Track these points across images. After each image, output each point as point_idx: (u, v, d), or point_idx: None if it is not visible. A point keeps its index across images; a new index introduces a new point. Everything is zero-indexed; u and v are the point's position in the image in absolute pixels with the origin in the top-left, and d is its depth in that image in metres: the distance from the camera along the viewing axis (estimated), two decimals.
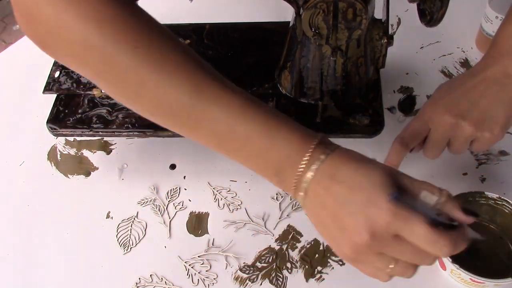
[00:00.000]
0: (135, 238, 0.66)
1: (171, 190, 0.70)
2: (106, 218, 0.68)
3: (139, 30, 0.44)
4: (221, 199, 0.68)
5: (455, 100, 0.56)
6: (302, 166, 0.43)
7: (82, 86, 0.71)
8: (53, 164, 0.74)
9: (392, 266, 0.42)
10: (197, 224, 0.66)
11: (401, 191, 0.41)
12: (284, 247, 0.63)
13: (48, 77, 0.71)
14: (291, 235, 0.64)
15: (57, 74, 0.72)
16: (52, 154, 0.75)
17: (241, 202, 0.68)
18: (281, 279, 0.61)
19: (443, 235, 0.39)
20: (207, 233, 0.65)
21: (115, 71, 0.44)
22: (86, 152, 0.75)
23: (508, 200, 0.57)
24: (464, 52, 0.81)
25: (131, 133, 0.67)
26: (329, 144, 0.44)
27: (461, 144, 0.57)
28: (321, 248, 0.63)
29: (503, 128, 0.55)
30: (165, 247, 0.65)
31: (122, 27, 0.43)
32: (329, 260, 0.62)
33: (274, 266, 0.62)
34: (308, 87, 0.66)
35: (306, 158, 0.43)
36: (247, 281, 0.61)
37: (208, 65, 0.48)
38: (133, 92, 0.45)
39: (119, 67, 0.44)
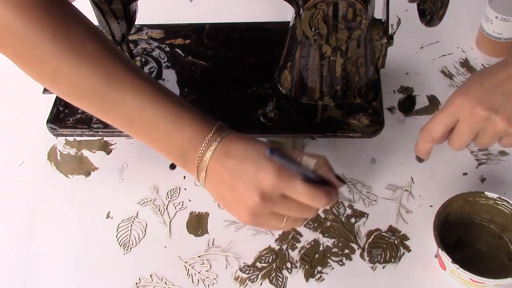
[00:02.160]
0: (135, 238, 0.66)
1: (171, 190, 0.70)
2: (106, 218, 0.68)
3: (59, 18, 0.47)
4: None
5: (487, 92, 0.52)
6: (202, 148, 0.49)
7: None
8: (53, 164, 0.74)
9: (285, 221, 0.50)
10: (197, 224, 0.66)
11: (282, 154, 0.47)
12: (284, 247, 0.63)
13: None
14: (291, 235, 0.64)
15: None
16: (52, 154, 0.75)
17: None
18: (281, 279, 0.61)
19: (319, 190, 0.47)
20: (207, 233, 0.65)
21: (35, 55, 0.47)
22: (86, 152, 0.75)
23: (508, 200, 0.57)
24: (464, 52, 0.81)
25: None
26: (225, 129, 0.51)
27: (490, 139, 0.53)
28: (321, 248, 0.63)
29: None
30: (165, 247, 0.65)
31: (42, 14, 0.46)
32: (329, 260, 0.62)
33: (274, 266, 0.62)
34: (308, 87, 0.66)
35: (206, 141, 0.49)
36: (247, 281, 0.61)
37: (124, 56, 0.52)
38: (51, 77, 0.49)
39: (39, 53, 0.47)
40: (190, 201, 0.69)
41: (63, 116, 0.69)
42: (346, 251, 0.62)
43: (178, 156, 0.51)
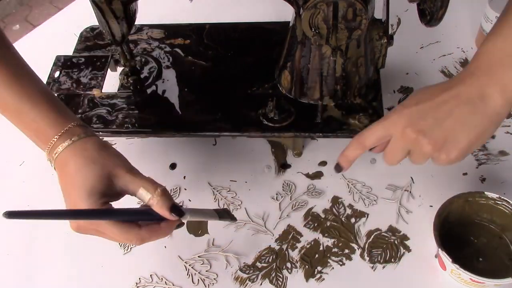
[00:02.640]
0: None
1: (171, 190, 0.70)
2: None
3: None
4: (221, 199, 0.68)
5: (421, 113, 0.52)
6: (49, 146, 0.53)
7: (82, 86, 0.71)
8: (53, 164, 0.74)
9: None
10: (197, 224, 0.66)
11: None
12: (284, 247, 0.63)
13: (48, 77, 0.72)
14: (291, 235, 0.64)
15: (57, 74, 0.72)
16: None
17: (241, 202, 0.68)
18: (281, 279, 0.61)
19: (129, 232, 0.51)
20: (207, 233, 0.65)
21: None
22: None
23: (508, 200, 0.57)
24: (464, 52, 0.81)
25: (131, 133, 0.67)
26: (76, 134, 0.53)
27: (419, 159, 0.54)
28: (321, 248, 0.63)
29: (462, 153, 0.51)
30: (165, 247, 0.65)
31: None
32: (329, 260, 0.62)
33: (274, 266, 0.62)
34: (308, 87, 0.66)
35: (52, 141, 0.52)
36: (247, 281, 0.61)
37: None
38: None
39: None
40: (190, 201, 0.69)
41: None
42: (346, 251, 0.62)
43: (32, 141, 0.55)
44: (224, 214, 0.59)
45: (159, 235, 0.53)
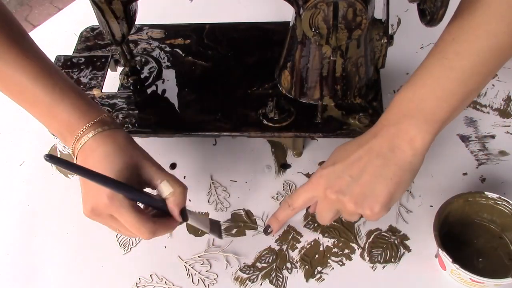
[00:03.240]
0: (135, 238, 0.66)
1: None
2: None
3: None
4: (218, 202, 0.68)
5: (337, 173, 0.53)
6: (77, 136, 0.52)
7: (82, 86, 0.71)
8: (53, 164, 0.74)
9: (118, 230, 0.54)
10: None
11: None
12: (284, 247, 0.63)
13: None
14: (291, 235, 0.64)
15: None
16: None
17: (241, 202, 0.68)
18: (281, 279, 0.61)
19: (145, 224, 0.50)
20: (207, 233, 0.65)
21: None
22: None
23: (508, 200, 0.57)
24: None
25: (131, 133, 0.67)
26: (106, 124, 0.53)
27: (349, 217, 0.56)
28: (321, 248, 0.63)
29: (385, 206, 0.52)
30: (165, 247, 0.65)
31: None
32: (329, 260, 0.62)
33: (274, 266, 0.62)
34: (308, 87, 0.66)
35: (81, 131, 0.52)
36: (247, 281, 0.61)
37: (16, 28, 0.54)
38: None
39: None
40: (190, 201, 0.69)
41: None
42: (346, 251, 0.62)
43: (58, 135, 0.55)
44: (215, 228, 0.61)
45: (166, 230, 0.54)
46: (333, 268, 0.61)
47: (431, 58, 0.52)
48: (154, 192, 0.54)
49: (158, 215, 0.54)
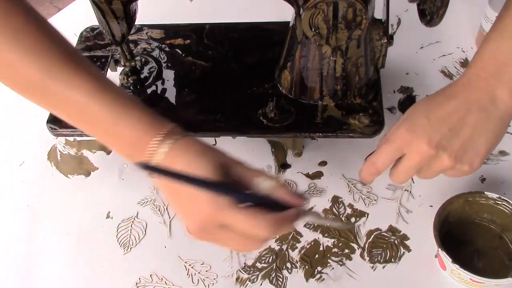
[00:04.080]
0: (135, 238, 0.66)
1: None
2: (106, 218, 0.68)
3: None
4: None
5: (434, 127, 0.50)
6: (148, 153, 0.46)
7: None
8: (53, 164, 0.74)
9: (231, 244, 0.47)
10: None
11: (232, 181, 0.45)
12: (284, 247, 0.63)
13: None
14: (291, 235, 0.64)
15: None
16: (52, 154, 0.75)
17: None
18: (281, 279, 0.61)
19: (263, 217, 0.42)
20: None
21: None
22: (86, 152, 0.75)
23: (508, 200, 0.57)
24: (464, 52, 0.81)
25: None
26: (176, 134, 0.47)
27: (434, 173, 0.52)
28: (321, 248, 0.63)
29: (483, 160, 0.50)
30: (165, 247, 0.65)
31: None
32: (329, 260, 0.62)
33: (274, 266, 0.62)
34: (308, 87, 0.66)
35: (151, 148, 0.46)
36: (247, 281, 0.61)
37: (65, 42, 0.48)
38: None
39: None
40: None
41: None
42: (346, 251, 0.62)
43: (126, 155, 0.49)
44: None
45: (289, 223, 0.45)
46: (333, 268, 0.61)
47: None
48: None
49: None
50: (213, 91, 0.70)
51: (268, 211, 0.43)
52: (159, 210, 0.68)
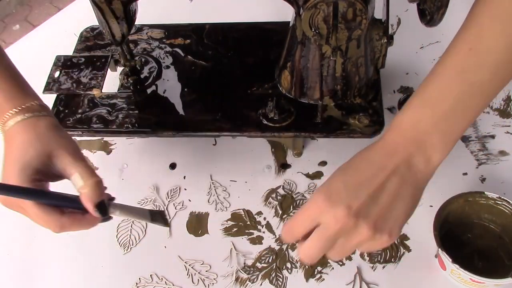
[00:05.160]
0: (135, 238, 0.66)
1: (171, 190, 0.70)
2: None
3: None
4: (218, 202, 0.68)
5: (352, 193, 0.46)
6: (3, 119, 0.52)
7: (82, 86, 0.71)
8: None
9: None
10: (197, 224, 0.66)
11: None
12: (284, 247, 0.63)
13: (48, 77, 0.72)
14: None
15: (57, 74, 0.72)
16: None
17: (241, 202, 0.68)
18: (281, 279, 0.61)
19: (49, 216, 0.49)
20: (207, 233, 0.65)
21: None
22: (86, 152, 0.75)
23: (508, 200, 0.57)
24: None
25: (131, 133, 0.67)
26: (31, 111, 0.53)
27: (350, 249, 0.48)
28: None
29: (401, 228, 0.48)
30: (165, 247, 0.65)
31: None
32: (329, 260, 0.62)
33: (274, 266, 0.62)
34: (308, 87, 0.66)
35: (6, 115, 0.52)
36: (247, 281, 0.61)
37: None
38: None
39: None
40: (190, 201, 0.69)
41: (63, 116, 0.69)
42: None
43: None
44: (157, 217, 0.56)
45: (82, 226, 0.52)
46: (333, 268, 0.61)
47: (449, 71, 0.48)
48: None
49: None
50: (213, 91, 0.70)
51: (58, 211, 0.50)
52: None
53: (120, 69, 0.74)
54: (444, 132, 0.48)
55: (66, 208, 0.51)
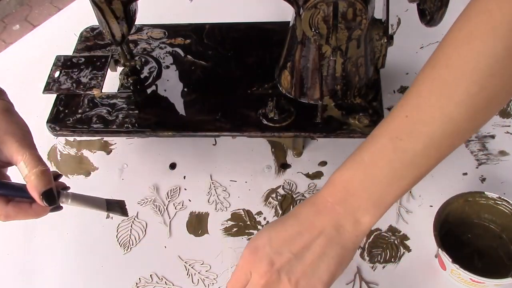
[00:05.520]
0: (135, 238, 0.66)
1: (171, 190, 0.70)
2: (106, 218, 0.68)
3: None
4: (220, 201, 0.68)
5: (276, 250, 0.48)
6: None
7: (82, 86, 0.71)
8: (53, 164, 0.74)
9: None
10: (197, 224, 0.66)
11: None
12: None
13: (48, 77, 0.72)
14: None
15: (57, 74, 0.72)
16: (52, 154, 0.75)
17: (241, 202, 0.68)
18: None
19: None
20: (207, 233, 0.65)
21: None
22: (86, 152, 0.75)
23: (508, 200, 0.57)
24: None
25: (131, 133, 0.67)
26: None
27: None
28: None
29: (326, 286, 0.48)
30: (165, 247, 0.65)
31: None
32: None
33: None
34: (308, 87, 0.66)
35: None
36: None
37: None
38: None
39: None
40: (190, 201, 0.69)
41: (63, 116, 0.69)
42: None
43: None
44: (115, 207, 0.55)
45: (28, 215, 0.50)
46: None
47: (383, 136, 0.48)
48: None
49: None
50: (213, 91, 0.70)
51: (4, 200, 0.48)
52: (159, 210, 0.68)
53: (120, 69, 0.74)
54: (375, 196, 0.48)
55: (13, 198, 0.50)
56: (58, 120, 0.68)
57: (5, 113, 0.51)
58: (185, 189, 0.70)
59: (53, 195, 0.49)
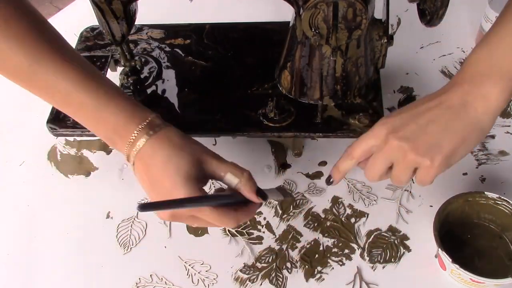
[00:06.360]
0: (135, 238, 0.66)
1: None
2: (106, 218, 0.68)
3: None
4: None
5: (403, 120, 0.52)
6: (130, 140, 0.51)
7: None
8: (53, 164, 0.74)
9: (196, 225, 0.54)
10: None
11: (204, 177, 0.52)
12: (284, 247, 0.63)
13: None
14: (291, 235, 0.64)
15: None
16: (52, 154, 0.75)
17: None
18: (281, 279, 0.61)
19: (226, 215, 0.51)
20: (207, 233, 0.65)
21: None
22: (86, 152, 0.75)
23: (508, 200, 0.57)
24: (464, 52, 0.81)
25: None
26: (158, 125, 0.52)
27: (401, 170, 0.52)
28: (321, 248, 0.63)
29: (447, 159, 0.50)
30: (165, 247, 0.65)
31: None
32: (329, 260, 0.62)
33: (274, 266, 0.62)
34: (308, 87, 0.66)
35: (133, 135, 0.51)
36: (247, 281, 0.61)
37: (56, 38, 0.54)
38: None
39: None
40: None
41: (63, 116, 0.69)
42: (346, 251, 0.62)
43: (107, 140, 0.54)
44: (285, 193, 0.59)
45: (249, 215, 0.55)
46: (333, 268, 0.61)
47: (507, 16, 0.52)
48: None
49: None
50: (213, 91, 0.70)
51: (232, 208, 0.52)
52: None
53: (120, 69, 0.74)
54: (502, 71, 0.51)
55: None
56: (58, 120, 0.68)
57: (187, 137, 0.54)
58: None
59: (263, 191, 0.54)
